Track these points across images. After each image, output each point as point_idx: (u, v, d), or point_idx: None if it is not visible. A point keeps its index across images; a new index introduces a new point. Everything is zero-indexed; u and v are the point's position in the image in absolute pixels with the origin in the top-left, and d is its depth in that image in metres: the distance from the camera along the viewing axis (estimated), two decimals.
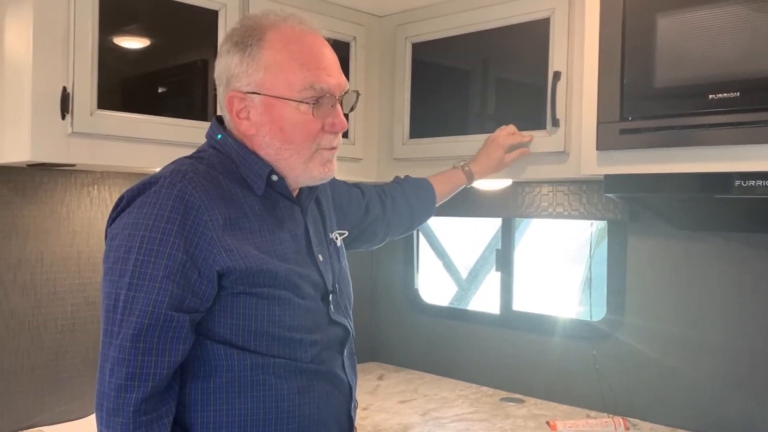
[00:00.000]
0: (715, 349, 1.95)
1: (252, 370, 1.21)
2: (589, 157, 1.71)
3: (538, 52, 1.90)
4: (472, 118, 2.11)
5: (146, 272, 1.13)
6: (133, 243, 1.14)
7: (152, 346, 1.13)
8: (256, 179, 1.26)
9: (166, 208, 1.15)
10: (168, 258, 1.14)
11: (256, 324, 1.21)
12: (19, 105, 1.59)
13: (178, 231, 1.15)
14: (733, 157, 1.49)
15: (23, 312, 1.88)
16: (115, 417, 1.12)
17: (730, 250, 1.93)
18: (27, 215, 1.89)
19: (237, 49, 1.26)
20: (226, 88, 1.28)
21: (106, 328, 1.16)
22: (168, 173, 1.20)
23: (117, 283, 1.14)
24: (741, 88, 1.46)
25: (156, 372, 1.14)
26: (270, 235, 1.25)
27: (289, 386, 1.24)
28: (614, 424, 2.00)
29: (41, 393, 1.92)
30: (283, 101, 1.24)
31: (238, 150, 1.28)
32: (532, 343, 2.34)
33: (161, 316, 1.13)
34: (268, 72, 1.24)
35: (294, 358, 1.25)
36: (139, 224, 1.15)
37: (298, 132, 1.25)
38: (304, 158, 1.27)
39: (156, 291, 1.13)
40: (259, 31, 1.25)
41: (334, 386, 1.32)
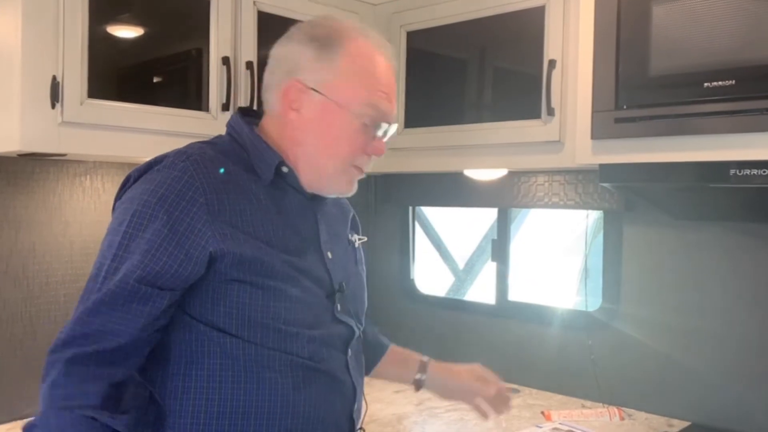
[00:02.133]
0: (710, 339, 1.95)
1: (245, 359, 1.18)
2: (584, 146, 1.70)
3: (533, 40, 1.88)
4: (468, 108, 2.09)
5: (131, 246, 1.13)
6: (125, 216, 1.15)
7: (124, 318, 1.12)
8: (265, 168, 1.25)
9: (163, 186, 1.15)
10: (153, 233, 1.13)
11: (249, 313, 1.18)
12: (9, 94, 1.58)
13: (168, 209, 1.14)
14: (729, 146, 1.48)
15: (15, 303, 1.87)
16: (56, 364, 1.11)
17: (726, 239, 1.92)
18: (18, 205, 1.87)
19: (314, 43, 1.25)
20: (286, 74, 1.26)
21: (83, 295, 1.15)
22: (173, 153, 1.20)
23: (104, 253, 1.15)
24: (736, 76, 1.45)
25: (123, 335, 1.13)
26: (271, 225, 1.22)
27: (284, 381, 1.20)
28: (609, 414, 2.00)
29: (34, 384, 1.89)
30: (342, 109, 1.24)
31: (252, 139, 1.27)
32: (528, 333, 2.34)
33: (128, 287, 1.12)
34: (339, 77, 1.24)
35: (290, 351, 1.20)
36: (135, 199, 1.15)
37: (343, 143, 1.26)
38: (336, 169, 1.27)
39: (136, 265, 1.13)
40: (342, 36, 1.25)
41: (334, 386, 1.27)
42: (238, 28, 1.90)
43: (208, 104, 1.86)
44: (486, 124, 2.01)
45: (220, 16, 1.86)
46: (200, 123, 1.84)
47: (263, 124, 1.31)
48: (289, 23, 1.98)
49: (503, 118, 1.97)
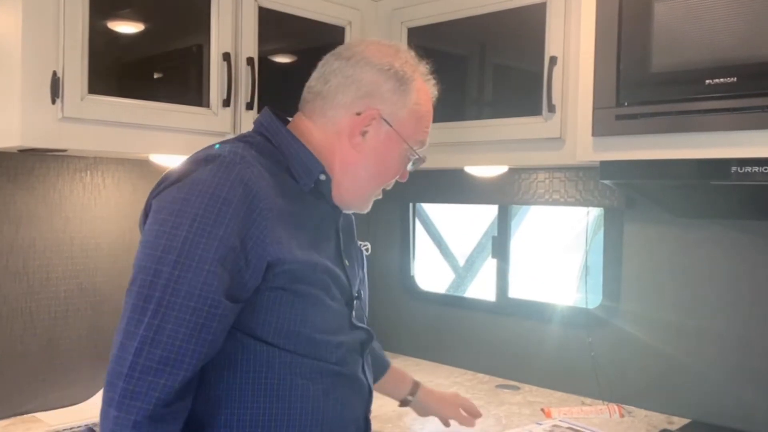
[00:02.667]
0: (711, 336, 1.95)
1: (280, 368, 1.18)
2: (584, 143, 1.70)
3: (534, 37, 1.88)
4: (469, 104, 2.09)
5: (195, 252, 1.07)
6: (183, 219, 1.08)
7: (194, 332, 1.06)
8: (305, 175, 1.24)
9: (224, 189, 1.09)
10: (220, 241, 1.08)
11: (288, 321, 1.17)
12: (9, 90, 1.58)
13: (233, 214, 1.09)
14: (730, 143, 1.47)
15: (16, 298, 1.87)
16: (132, 401, 1.03)
17: (727, 237, 1.92)
18: (19, 201, 1.87)
19: (392, 75, 1.27)
20: (362, 98, 1.26)
21: (136, 303, 1.07)
22: (226, 152, 1.15)
23: (160, 259, 1.07)
24: (738, 73, 1.44)
25: (192, 360, 1.07)
26: (307, 230, 1.22)
27: (315, 388, 1.21)
28: (609, 411, 2.00)
29: (34, 379, 1.91)
30: (401, 143, 1.29)
31: (292, 142, 1.25)
32: (528, 330, 2.34)
33: (208, 301, 1.07)
34: (407, 113, 1.29)
35: (321, 358, 1.22)
36: (192, 201, 1.09)
37: (391, 171, 1.33)
38: (373, 191, 1.34)
39: (206, 274, 1.07)
40: (414, 72, 1.30)
41: (355, 389, 1.30)
42: (238, 23, 1.90)
43: (209, 100, 1.86)
44: (487, 121, 2.01)
45: (221, 11, 1.85)
46: (201, 119, 1.84)
47: (303, 129, 1.29)
48: (290, 19, 2.00)
49: (504, 114, 1.97)
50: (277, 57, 2.03)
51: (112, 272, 2.05)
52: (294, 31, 2.07)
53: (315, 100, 1.29)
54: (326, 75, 1.28)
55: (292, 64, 2.08)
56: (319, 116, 1.28)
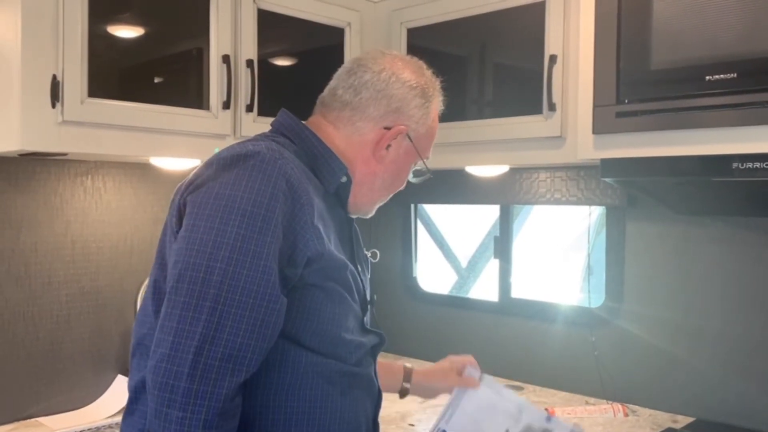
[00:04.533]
0: (713, 334, 1.94)
1: (305, 369, 1.18)
2: (585, 141, 1.69)
3: (534, 35, 1.88)
4: (469, 104, 2.09)
5: (249, 248, 1.06)
6: (231, 216, 1.07)
7: (255, 328, 1.06)
8: (330, 177, 1.27)
9: (269, 184, 1.10)
10: (272, 236, 1.08)
11: (318, 321, 1.18)
12: (9, 93, 1.58)
13: (280, 210, 1.10)
14: (731, 140, 1.47)
15: (17, 302, 1.87)
16: (199, 400, 1.02)
17: (729, 234, 1.91)
18: (20, 205, 1.87)
19: (421, 93, 1.32)
20: (392, 113, 1.30)
21: (188, 301, 1.05)
22: (264, 149, 1.15)
23: (210, 255, 1.06)
24: (738, 69, 1.44)
25: (254, 357, 1.07)
26: (334, 232, 1.24)
27: (333, 389, 1.22)
28: (613, 410, 1.99)
29: (37, 384, 1.91)
30: (415, 156, 1.35)
31: (317, 144, 1.27)
32: (531, 330, 2.33)
33: (266, 297, 1.07)
34: (425, 131, 1.35)
35: (341, 359, 1.23)
36: (238, 196, 1.08)
37: (401, 181, 1.39)
38: (384, 198, 1.39)
39: (261, 269, 1.07)
40: (435, 91, 1.36)
41: (368, 391, 1.32)
42: (238, 26, 1.90)
43: (209, 103, 1.86)
44: (487, 121, 2.01)
45: (220, 14, 1.85)
46: (201, 121, 1.84)
47: (325, 133, 1.31)
48: (289, 20, 2.00)
49: (504, 114, 1.97)
50: (276, 59, 2.03)
51: (114, 275, 2.05)
52: (293, 32, 2.07)
53: (343, 109, 1.30)
54: (357, 87, 1.30)
55: (291, 65, 2.08)
56: (345, 124, 1.30)
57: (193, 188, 1.14)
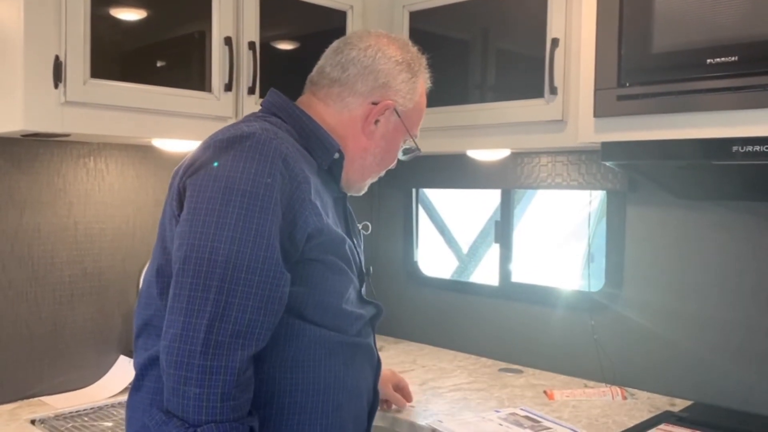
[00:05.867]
0: (712, 318, 1.95)
1: (309, 342, 1.22)
2: (586, 124, 1.70)
3: (536, 19, 1.87)
4: (471, 88, 2.09)
5: (251, 227, 1.09)
6: (232, 197, 1.10)
7: (262, 304, 1.10)
8: (323, 154, 1.30)
9: (267, 164, 1.13)
10: (273, 214, 1.11)
11: (319, 294, 1.22)
12: (12, 74, 1.58)
13: (279, 188, 1.12)
14: (732, 123, 1.47)
15: (21, 283, 1.88)
16: (214, 375, 1.06)
17: (730, 219, 1.92)
18: (23, 186, 1.88)
19: (407, 68, 1.36)
20: (379, 89, 1.34)
21: (195, 281, 1.08)
22: (259, 130, 1.17)
23: (214, 236, 1.09)
24: (739, 52, 1.44)
25: (263, 331, 1.11)
26: (330, 208, 1.28)
27: (336, 359, 1.26)
28: (612, 393, 2.01)
29: (40, 363, 1.93)
30: (404, 132, 1.40)
31: (308, 122, 1.31)
32: (531, 314, 2.34)
33: (271, 273, 1.10)
34: (413, 106, 1.39)
35: (342, 330, 1.27)
36: (237, 177, 1.11)
37: (392, 158, 1.43)
38: (373, 174, 1.42)
39: (265, 247, 1.10)
40: (420, 67, 1.40)
41: (369, 360, 1.36)
42: (240, 8, 1.90)
43: (211, 85, 1.86)
44: (489, 104, 2.01)
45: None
46: (203, 103, 1.84)
47: (316, 110, 1.34)
48: (291, 3, 2.00)
49: (506, 97, 1.97)
50: (278, 41, 2.03)
51: (117, 257, 2.06)
52: (295, 15, 2.07)
53: (332, 86, 1.34)
54: (344, 63, 1.34)
55: (293, 48, 2.08)
56: (335, 101, 1.34)
57: (192, 171, 1.16)
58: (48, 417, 1.78)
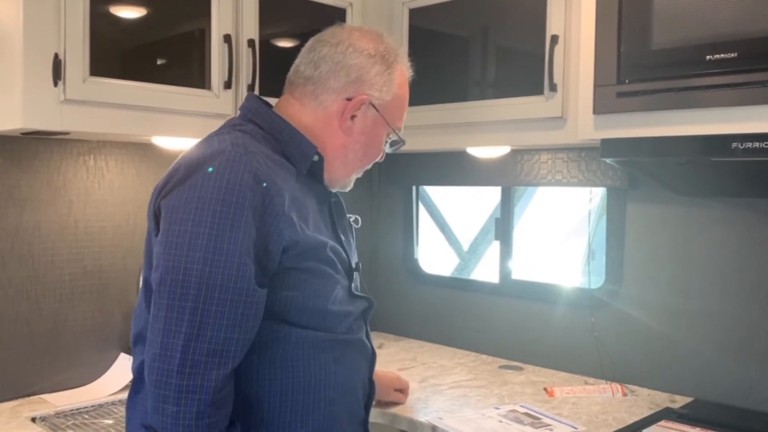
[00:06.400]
0: (712, 315, 1.95)
1: (296, 344, 1.24)
2: (586, 121, 1.70)
3: (536, 15, 1.87)
4: (471, 85, 2.09)
5: (222, 247, 1.11)
6: (203, 217, 1.12)
7: (236, 322, 1.12)
8: (301, 159, 1.30)
9: (236, 183, 1.14)
10: (243, 233, 1.13)
11: (303, 299, 1.23)
12: (11, 72, 1.58)
13: (249, 205, 1.14)
14: (731, 119, 1.47)
15: (21, 281, 1.88)
16: (190, 394, 1.09)
17: (729, 215, 1.92)
18: (23, 184, 1.88)
19: (380, 61, 1.34)
20: (352, 84, 1.32)
21: (171, 302, 1.11)
22: (229, 146, 1.19)
23: (186, 257, 1.11)
24: (739, 48, 1.44)
25: (237, 349, 1.13)
26: (311, 212, 1.28)
27: (326, 357, 1.27)
28: (612, 390, 2.01)
29: (41, 361, 1.93)
30: (385, 126, 1.37)
31: (284, 128, 1.31)
32: (531, 311, 2.34)
33: (244, 291, 1.12)
34: (391, 98, 1.36)
35: (332, 330, 1.28)
36: (207, 198, 1.13)
37: (376, 152, 1.41)
38: (359, 171, 1.41)
39: (236, 266, 1.12)
40: (397, 57, 1.38)
41: (362, 353, 1.37)
42: (239, 5, 1.90)
43: (211, 82, 1.86)
44: (488, 101, 2.01)
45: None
46: (202, 101, 1.84)
47: (293, 112, 1.34)
48: (291, 0, 2.00)
49: (506, 94, 1.97)
50: (278, 39, 2.03)
51: (117, 255, 2.07)
52: (294, 12, 2.07)
53: (306, 84, 1.34)
54: (315, 61, 1.34)
55: (293, 45, 2.08)
56: (309, 99, 1.34)
57: (165, 193, 1.19)
58: (49, 414, 1.79)
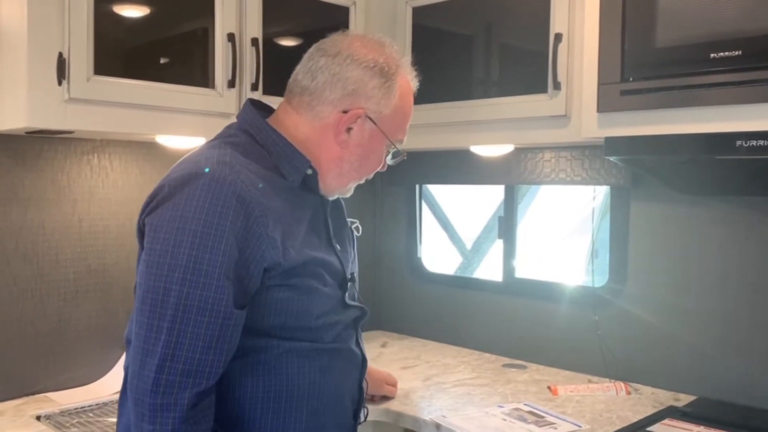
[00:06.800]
0: (717, 313, 1.95)
1: (279, 354, 1.23)
2: (589, 119, 1.70)
3: (539, 13, 1.87)
4: (475, 83, 2.09)
5: (201, 268, 1.11)
6: (183, 237, 1.12)
7: (211, 343, 1.12)
8: (294, 172, 1.28)
9: (218, 203, 1.13)
10: (223, 255, 1.12)
11: (286, 316, 1.22)
12: (16, 71, 1.59)
13: (231, 227, 1.13)
14: (735, 117, 1.47)
15: (26, 280, 1.89)
16: (164, 413, 1.10)
17: (733, 214, 1.92)
18: (27, 183, 1.89)
19: (379, 72, 1.30)
20: (348, 96, 1.29)
21: (150, 322, 1.12)
22: (214, 164, 1.18)
23: (166, 277, 1.12)
24: (743, 46, 1.43)
25: (212, 369, 1.13)
26: (299, 225, 1.26)
27: (311, 365, 1.26)
28: (616, 388, 2.01)
29: (45, 360, 1.93)
30: (383, 139, 1.33)
31: (277, 141, 1.29)
32: (535, 310, 2.34)
33: (221, 314, 1.12)
34: (390, 111, 1.32)
35: (317, 340, 1.27)
36: (189, 217, 1.12)
37: (374, 164, 1.37)
38: (356, 181, 1.38)
39: (214, 288, 1.12)
40: (398, 69, 1.33)
41: (350, 361, 1.36)
42: (243, 4, 1.90)
43: (214, 81, 1.87)
44: (492, 100, 2.01)
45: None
46: (206, 100, 1.84)
47: (290, 123, 1.32)
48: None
49: (509, 93, 1.97)
50: (281, 37, 2.03)
51: (121, 254, 2.07)
52: (298, 11, 2.07)
53: (303, 94, 1.32)
54: (313, 71, 1.31)
55: (296, 44, 2.08)
56: (306, 110, 1.32)
57: (149, 210, 1.20)
58: (53, 413, 1.79)
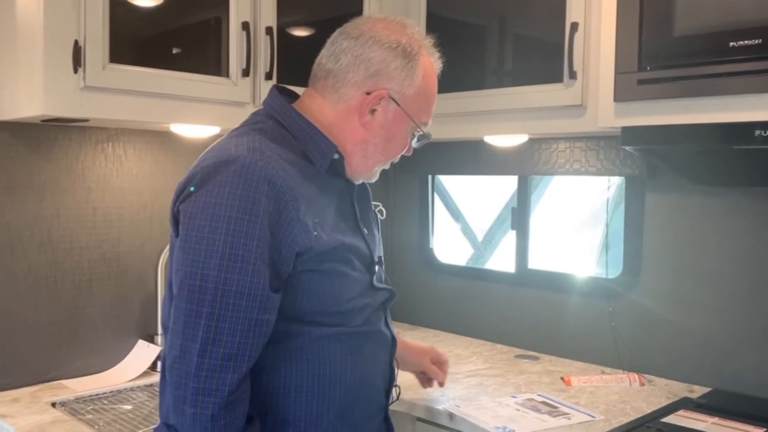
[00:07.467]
0: (731, 305, 1.94)
1: (312, 338, 1.25)
2: (606, 109, 1.68)
3: (555, 3, 1.86)
4: (489, 73, 2.07)
5: (237, 253, 1.13)
6: (219, 223, 1.14)
7: (250, 327, 1.14)
8: (321, 158, 1.29)
9: (250, 189, 1.15)
10: (258, 239, 1.14)
11: (317, 301, 1.24)
12: (32, 59, 1.59)
13: (264, 212, 1.15)
14: (754, 107, 1.45)
15: (40, 268, 1.90)
16: (206, 397, 1.12)
17: (748, 205, 1.90)
18: (43, 171, 1.89)
19: (402, 53, 1.31)
20: (371, 77, 1.30)
21: (189, 307, 1.14)
22: (245, 151, 1.19)
23: (204, 264, 1.13)
24: (762, 35, 1.42)
25: (252, 352, 1.16)
26: (329, 210, 1.28)
27: (342, 349, 1.28)
28: (629, 379, 2.00)
29: (60, 347, 1.94)
30: (408, 121, 1.34)
31: (304, 126, 1.30)
32: (548, 301, 2.34)
33: (258, 297, 1.14)
34: (414, 92, 1.32)
35: (348, 324, 1.29)
36: (223, 204, 1.14)
37: (399, 147, 1.38)
38: (382, 165, 1.38)
39: (251, 272, 1.14)
40: (421, 49, 1.34)
41: (380, 343, 1.38)
42: None
43: (228, 70, 1.86)
44: (507, 89, 2.00)
45: None
46: (221, 89, 1.84)
47: (315, 107, 1.33)
48: None
49: (524, 82, 1.96)
50: (296, 27, 2.03)
51: (135, 242, 2.08)
52: (313, 0, 2.06)
53: (327, 77, 1.33)
54: (336, 54, 1.32)
55: (310, 33, 2.08)
56: (331, 93, 1.33)
57: (183, 197, 1.20)
58: (68, 400, 1.80)
